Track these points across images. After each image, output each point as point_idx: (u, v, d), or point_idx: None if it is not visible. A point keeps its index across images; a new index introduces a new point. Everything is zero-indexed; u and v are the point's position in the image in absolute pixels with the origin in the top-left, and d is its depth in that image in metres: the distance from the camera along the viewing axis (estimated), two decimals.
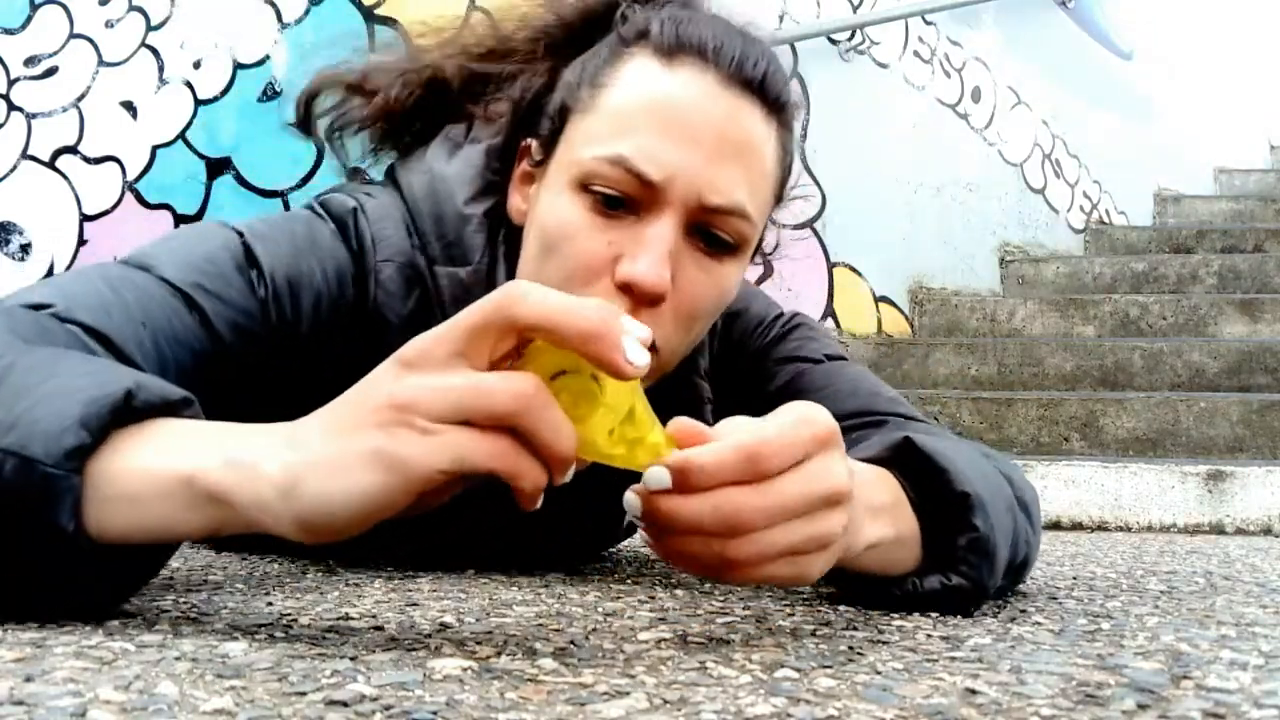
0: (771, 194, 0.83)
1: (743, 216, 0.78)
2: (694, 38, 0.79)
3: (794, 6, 3.11)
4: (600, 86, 0.80)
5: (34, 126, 2.01)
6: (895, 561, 0.75)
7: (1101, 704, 0.50)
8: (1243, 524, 2.03)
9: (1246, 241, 3.81)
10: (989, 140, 3.73)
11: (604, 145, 0.77)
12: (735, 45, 0.80)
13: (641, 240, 0.76)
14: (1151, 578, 1.10)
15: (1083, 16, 4.10)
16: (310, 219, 0.86)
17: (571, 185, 0.78)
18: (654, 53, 0.79)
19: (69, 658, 0.52)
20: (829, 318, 3.15)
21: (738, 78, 0.78)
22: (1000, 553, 0.75)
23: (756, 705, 0.48)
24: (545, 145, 0.83)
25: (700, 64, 0.78)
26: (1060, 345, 3.00)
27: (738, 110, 0.78)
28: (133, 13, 2.11)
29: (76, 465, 0.55)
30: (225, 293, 0.77)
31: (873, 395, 0.92)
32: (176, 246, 0.79)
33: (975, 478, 0.75)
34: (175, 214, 2.16)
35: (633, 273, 0.75)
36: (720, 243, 0.79)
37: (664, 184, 0.75)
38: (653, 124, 0.76)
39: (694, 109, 0.77)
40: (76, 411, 0.56)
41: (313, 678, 0.50)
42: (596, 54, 0.83)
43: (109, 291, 0.71)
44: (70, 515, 0.55)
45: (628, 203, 0.77)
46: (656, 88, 0.78)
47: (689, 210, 0.77)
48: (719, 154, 0.77)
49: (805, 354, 0.95)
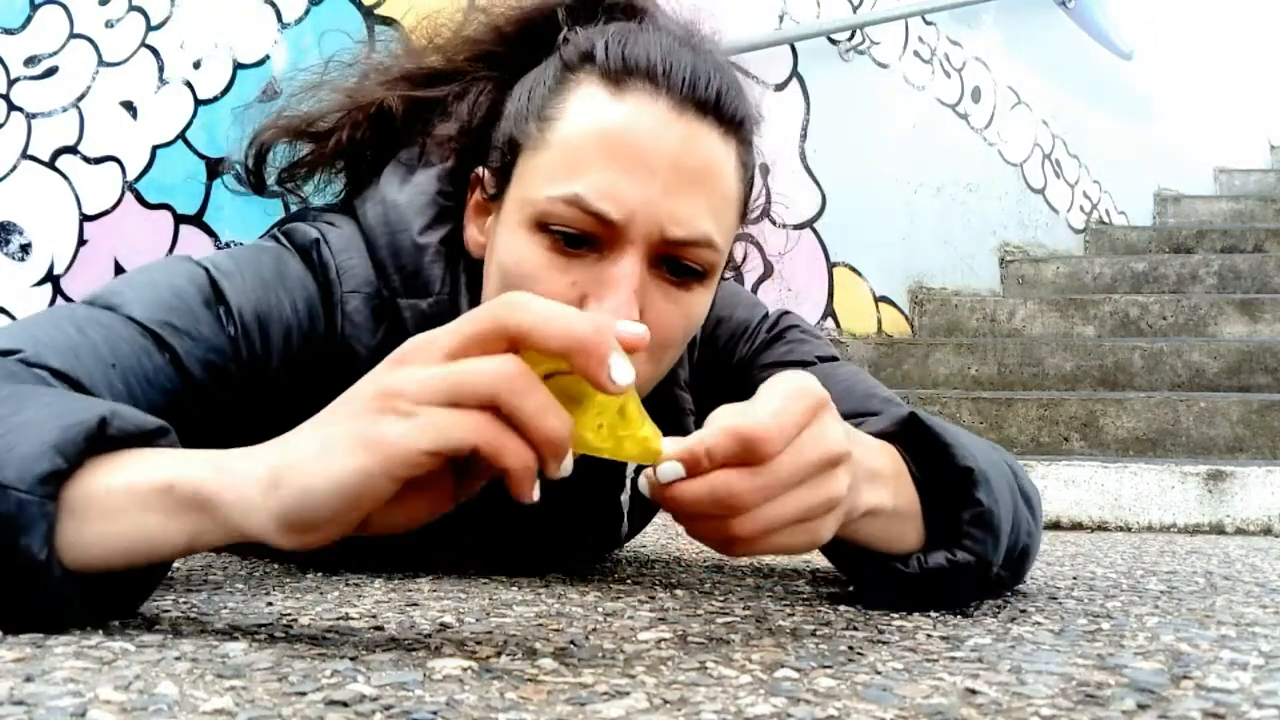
0: (736, 215, 0.81)
1: (708, 245, 0.77)
2: (641, 60, 0.76)
3: (794, 6, 3.11)
4: (548, 120, 0.78)
5: (34, 126, 2.01)
6: (896, 535, 0.74)
7: (1101, 704, 0.50)
8: (1243, 524, 2.03)
9: (1246, 241, 3.80)
10: (989, 140, 3.73)
11: (558, 185, 0.75)
12: (685, 64, 0.77)
13: (606, 282, 0.74)
14: (1151, 578, 1.10)
15: (1083, 16, 4.10)
16: (278, 251, 0.85)
17: (528, 225, 0.76)
18: (601, 79, 0.77)
19: (69, 658, 0.52)
20: (829, 318, 3.15)
21: (691, 100, 0.76)
22: (1003, 528, 0.75)
23: (756, 705, 0.48)
24: (497, 178, 0.82)
25: (650, 89, 0.76)
26: (1060, 345, 3.00)
27: (693, 135, 0.76)
28: (133, 13, 2.11)
29: (51, 491, 0.55)
30: (195, 330, 0.76)
31: (867, 396, 0.91)
32: (142, 284, 0.78)
33: (979, 454, 0.76)
34: (175, 214, 2.16)
35: None
36: (687, 272, 0.77)
37: (624, 222, 0.74)
38: (606, 159, 0.74)
39: (647, 140, 0.74)
40: (51, 438, 0.55)
41: (313, 678, 0.50)
42: (541, 80, 0.81)
43: (76, 334, 0.70)
44: (43, 543, 0.54)
45: (589, 240, 0.75)
46: (606, 119, 0.75)
47: (652, 244, 0.75)
48: (677, 184, 0.74)
49: (795, 358, 0.94)
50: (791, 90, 3.07)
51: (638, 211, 0.74)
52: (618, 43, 0.78)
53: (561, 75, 0.79)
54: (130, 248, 2.07)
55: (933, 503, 0.75)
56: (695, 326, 0.82)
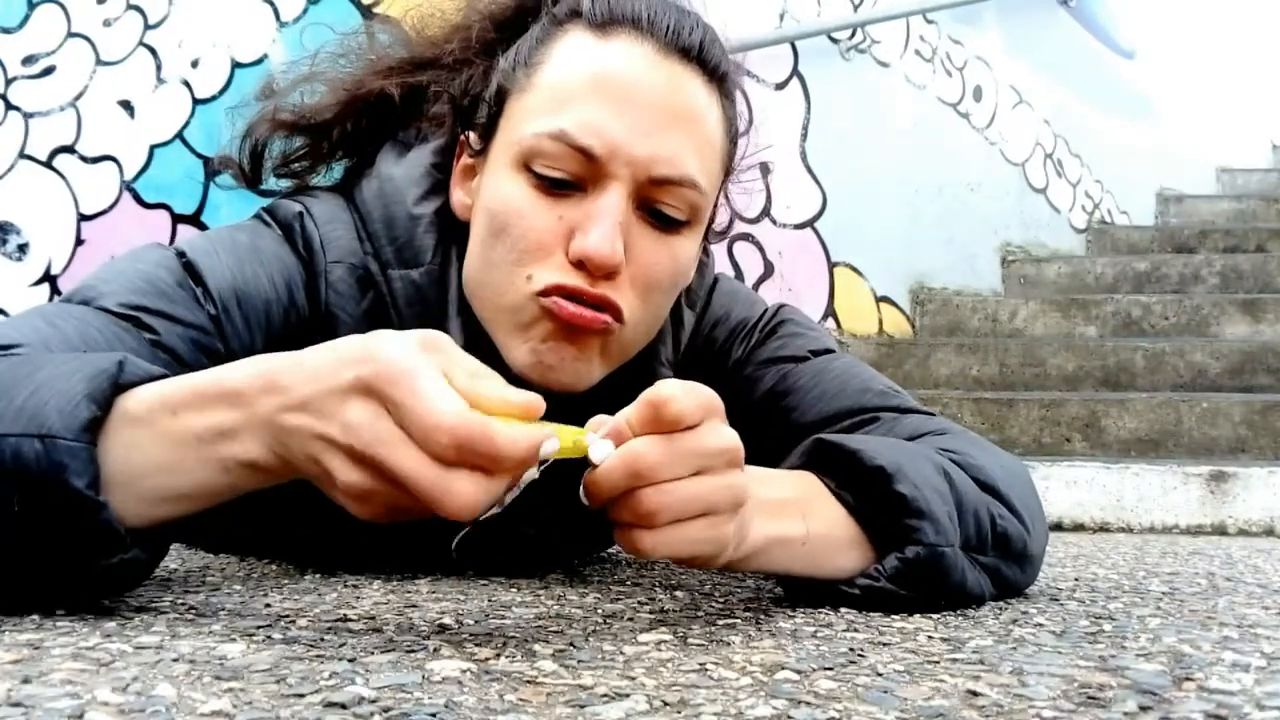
0: (720, 165, 0.83)
1: (692, 187, 0.78)
2: (626, 9, 0.79)
3: (794, 5, 3.11)
4: (535, 65, 0.80)
5: (31, 126, 2.01)
6: (822, 560, 0.74)
7: (1103, 706, 0.50)
8: (1245, 525, 2.02)
9: (1249, 241, 3.80)
10: (990, 140, 3.72)
11: (544, 120, 0.77)
12: (669, 15, 0.79)
13: (591, 214, 0.76)
14: (1153, 579, 1.09)
15: (1084, 15, 4.09)
16: (254, 227, 0.86)
17: (515, 164, 0.78)
18: (587, 27, 0.79)
19: (67, 659, 0.52)
20: (830, 318, 3.15)
21: (674, 46, 0.78)
22: (936, 509, 0.74)
23: (757, 707, 0.48)
24: (483, 132, 0.83)
25: (635, 34, 0.78)
26: (1062, 345, 3.00)
27: (677, 78, 0.78)
28: (130, 12, 2.11)
29: (93, 437, 0.58)
30: (172, 311, 0.76)
31: (862, 391, 0.90)
32: (111, 276, 0.78)
33: (886, 451, 0.76)
34: (173, 213, 2.16)
35: (584, 246, 0.75)
36: (671, 219, 0.79)
37: (607, 156, 0.75)
38: (592, 96, 0.76)
39: (633, 78, 0.77)
40: (82, 388, 0.59)
41: (311, 679, 0.49)
42: (529, 36, 0.83)
43: (47, 327, 0.71)
44: (94, 485, 0.58)
45: (574, 181, 0.76)
46: (593, 60, 0.78)
47: (636, 183, 0.76)
48: (662, 123, 0.76)
49: (789, 353, 0.93)
50: (792, 89, 3.07)
51: (622, 146, 0.75)
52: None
53: (548, 29, 0.82)
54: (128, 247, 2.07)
55: (870, 516, 0.75)
56: (684, 273, 0.83)
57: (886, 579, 0.75)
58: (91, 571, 0.61)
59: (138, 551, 0.61)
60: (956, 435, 0.88)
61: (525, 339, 0.78)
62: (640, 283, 0.78)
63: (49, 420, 0.58)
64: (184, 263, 0.79)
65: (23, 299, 1.99)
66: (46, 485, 0.57)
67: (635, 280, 0.78)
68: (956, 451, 0.83)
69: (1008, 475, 0.85)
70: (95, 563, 0.60)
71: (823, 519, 0.74)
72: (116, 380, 0.60)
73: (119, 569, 0.61)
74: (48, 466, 0.57)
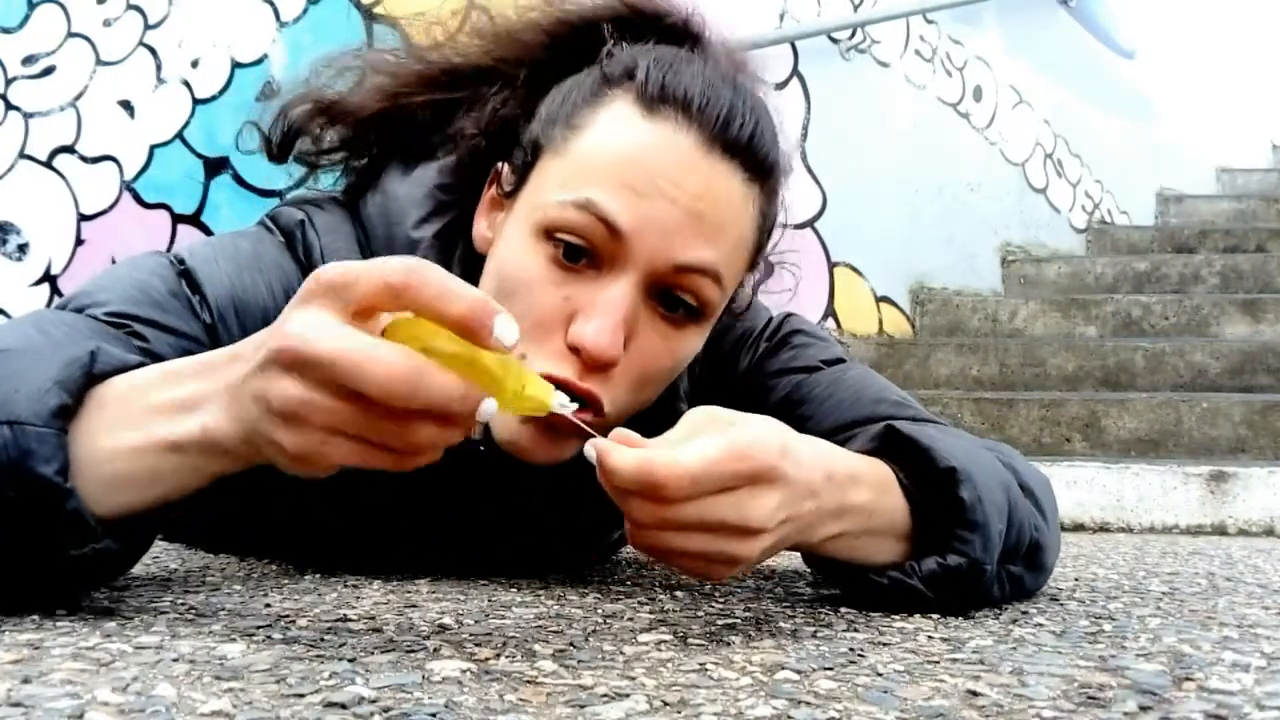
0: (746, 261, 0.81)
1: (713, 278, 0.75)
2: (679, 90, 0.75)
3: (794, 5, 3.11)
4: (576, 129, 0.77)
5: (31, 126, 2.01)
6: (870, 551, 0.75)
7: (1103, 706, 0.50)
8: (1245, 525, 2.02)
9: (1249, 241, 3.80)
10: (990, 139, 3.72)
11: (572, 191, 0.74)
12: (723, 101, 0.76)
13: (597, 303, 0.73)
14: (1153, 579, 1.09)
15: (1084, 15, 4.09)
16: (257, 234, 0.85)
17: (535, 231, 0.75)
18: (636, 99, 0.76)
19: (66, 659, 0.52)
20: (830, 318, 3.15)
21: (721, 139, 0.75)
22: (993, 525, 0.75)
23: (757, 707, 0.48)
24: (516, 177, 0.81)
25: (683, 120, 0.74)
26: (1062, 345, 3.00)
27: (716, 176, 0.75)
28: (130, 12, 2.11)
29: (63, 425, 0.58)
30: (164, 320, 0.76)
31: (877, 401, 0.89)
32: (106, 284, 0.78)
33: (959, 453, 0.75)
34: (173, 213, 2.16)
35: (583, 338, 0.72)
36: (683, 307, 0.76)
37: (630, 234, 0.72)
38: (625, 177, 0.73)
39: (669, 170, 0.73)
40: (53, 374, 0.59)
41: (311, 679, 0.49)
42: (578, 85, 0.80)
43: (37, 334, 0.70)
44: (63, 471, 0.58)
45: (590, 254, 0.74)
46: (633, 140, 0.75)
47: (653, 270, 0.74)
48: (690, 221, 0.73)
49: (801, 364, 0.93)
50: (792, 89, 3.07)
51: (645, 229, 0.73)
52: (659, 67, 0.76)
53: (598, 88, 0.78)
54: (127, 247, 2.07)
55: (925, 509, 0.75)
56: (681, 365, 0.81)
57: (920, 579, 0.75)
58: (63, 562, 0.60)
59: (109, 542, 0.61)
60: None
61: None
62: (634, 375, 0.76)
63: (18, 407, 0.58)
64: (183, 270, 0.79)
65: (23, 299, 1.99)
66: (14, 472, 0.57)
67: (630, 372, 0.76)
68: (1003, 452, 0.84)
69: (1041, 483, 0.86)
70: (66, 553, 0.60)
71: (887, 515, 0.74)
72: (89, 369, 0.60)
73: (91, 560, 0.60)
74: (15, 453, 0.57)
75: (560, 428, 0.73)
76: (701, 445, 0.61)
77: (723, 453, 0.61)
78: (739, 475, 0.61)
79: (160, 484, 0.61)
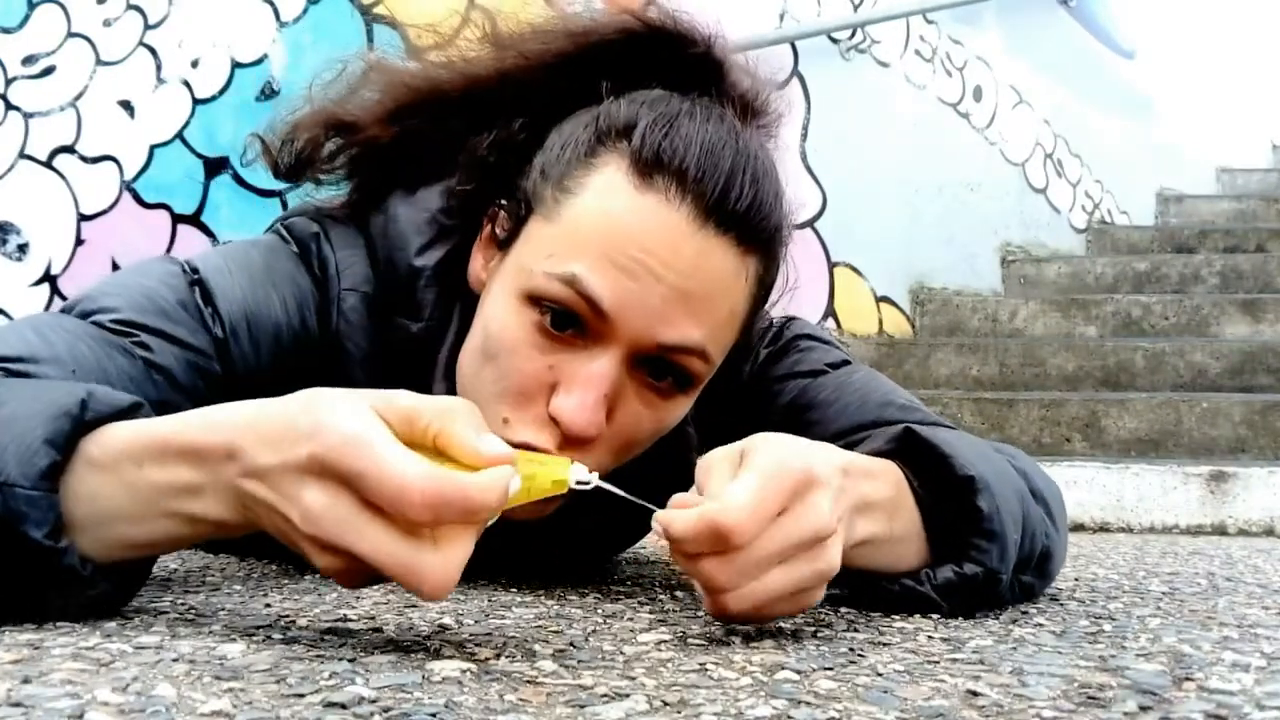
0: (738, 330, 0.78)
1: (699, 355, 0.74)
2: (675, 157, 0.72)
3: (794, 5, 3.11)
4: (567, 191, 0.74)
5: (31, 126, 2.01)
6: (892, 559, 0.74)
7: (1103, 706, 0.50)
8: (1245, 525, 2.02)
9: (1249, 241, 3.80)
10: (990, 140, 3.72)
11: (558, 262, 0.72)
12: (721, 168, 0.72)
13: (579, 376, 0.72)
14: (1153, 579, 1.09)
15: (1084, 15, 4.09)
16: (271, 243, 0.84)
17: (521, 296, 0.73)
18: (629, 166, 0.73)
19: (66, 659, 0.52)
20: (829, 318, 3.15)
21: (716, 212, 0.72)
22: (1009, 535, 0.75)
23: (757, 707, 0.48)
24: (510, 225, 0.78)
25: (676, 192, 0.71)
26: (1062, 345, 3.00)
27: (708, 251, 0.72)
28: (130, 12, 2.11)
29: (53, 484, 0.57)
30: (171, 330, 0.75)
31: (883, 405, 0.88)
32: (113, 289, 0.76)
33: (978, 461, 0.75)
34: (173, 213, 2.16)
35: (562, 413, 0.72)
36: (670, 378, 0.75)
37: (614, 314, 0.71)
38: (612, 253, 0.71)
39: (658, 247, 0.71)
40: (40, 432, 0.57)
41: (311, 679, 0.49)
42: (574, 139, 0.76)
43: (37, 339, 0.69)
44: (56, 533, 0.57)
45: (576, 322, 0.72)
46: (623, 215, 0.72)
47: (638, 347, 0.73)
48: (679, 298, 0.72)
49: (806, 368, 0.92)
50: (792, 89, 3.07)
51: (630, 309, 0.71)
52: (658, 128, 0.73)
53: (593, 145, 0.75)
54: (128, 247, 2.07)
55: (938, 516, 0.75)
56: (668, 429, 0.80)
57: (932, 587, 0.74)
58: (60, 607, 0.60)
59: (107, 586, 0.61)
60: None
61: None
62: (619, 442, 0.76)
63: (7, 467, 0.56)
64: (195, 280, 0.78)
65: (23, 299, 1.99)
66: (5, 533, 0.56)
67: (613, 439, 0.75)
68: (1015, 456, 0.84)
69: (1053, 490, 0.86)
70: (63, 600, 0.60)
71: (904, 521, 0.73)
72: (79, 420, 0.59)
73: (87, 603, 0.61)
74: (6, 515, 0.56)
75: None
76: (739, 483, 0.62)
77: (762, 479, 0.61)
78: (783, 491, 0.62)
79: (159, 545, 0.62)
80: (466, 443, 0.56)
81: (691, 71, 0.81)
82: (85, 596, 0.60)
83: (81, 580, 0.59)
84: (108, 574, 0.60)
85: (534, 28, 0.85)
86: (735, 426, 0.93)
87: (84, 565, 0.59)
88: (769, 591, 0.62)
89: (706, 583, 0.61)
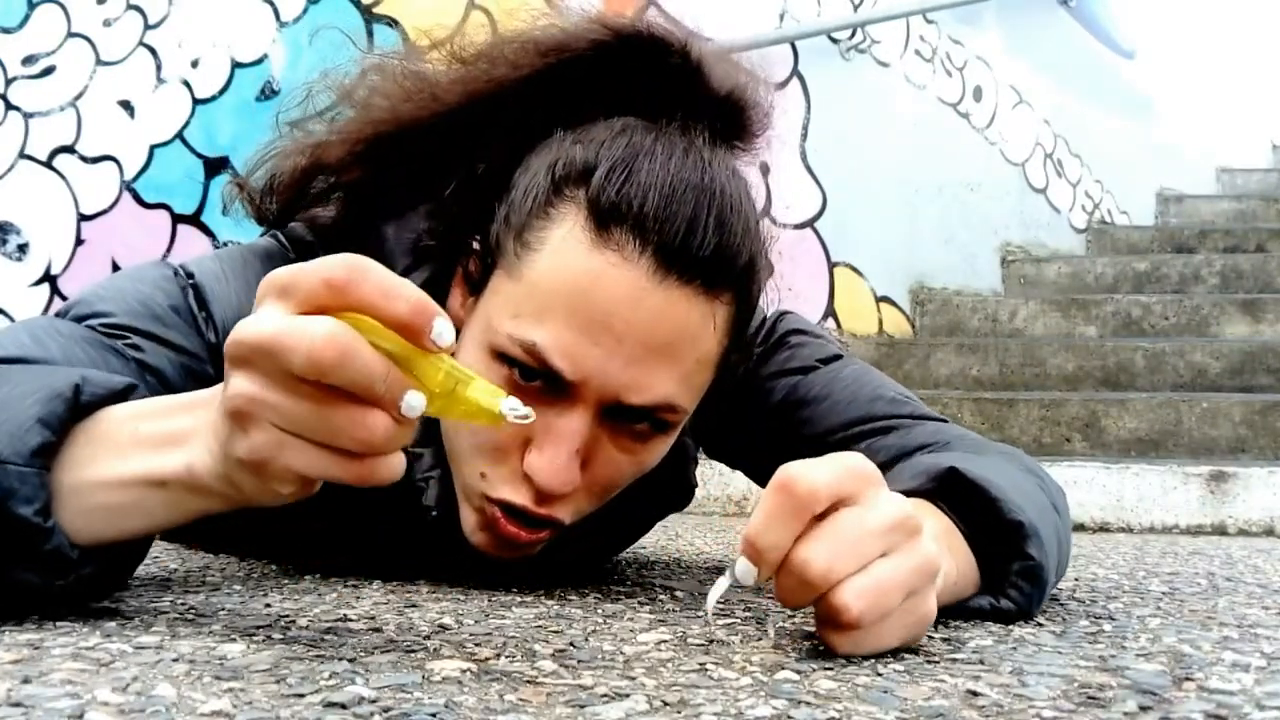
0: (710, 372, 0.77)
1: (669, 410, 0.74)
2: (634, 206, 0.70)
3: (794, 5, 3.11)
4: (527, 246, 0.73)
5: (31, 126, 2.01)
6: (958, 595, 0.72)
7: (1103, 706, 0.50)
8: (1245, 525, 2.02)
9: (1249, 241, 3.80)
10: (990, 139, 3.72)
11: (520, 326, 0.71)
12: (682, 213, 0.71)
13: (550, 433, 0.72)
14: (1153, 579, 1.09)
15: (1084, 15, 4.09)
16: (269, 250, 0.84)
17: (489, 351, 0.73)
18: (587, 217, 0.71)
19: (66, 659, 0.52)
20: (829, 318, 3.15)
21: (678, 260, 0.70)
22: (1050, 580, 0.75)
23: (757, 707, 0.48)
24: (478, 274, 0.77)
25: (635, 247, 0.70)
26: (1062, 345, 3.00)
27: (670, 304, 0.70)
28: (130, 12, 2.11)
29: (45, 463, 0.57)
30: (164, 334, 0.75)
31: (874, 400, 0.88)
32: (108, 294, 0.76)
33: (1025, 504, 0.73)
34: (173, 213, 2.16)
35: (535, 471, 0.72)
36: (643, 421, 0.74)
37: (579, 381, 0.71)
38: (571, 317, 0.70)
39: (618, 306, 0.70)
40: (35, 412, 0.58)
41: (311, 679, 0.49)
42: (534, 186, 0.75)
43: (31, 343, 0.69)
44: (46, 512, 0.57)
45: (544, 376, 0.72)
46: (580, 274, 0.70)
47: (607, 402, 0.72)
48: (643, 356, 0.71)
49: (797, 364, 0.91)
50: (792, 89, 3.07)
51: (594, 375, 0.71)
52: (616, 175, 0.72)
53: (550, 195, 0.74)
54: (128, 247, 2.07)
55: (978, 548, 0.73)
56: (650, 468, 0.79)
57: (965, 610, 0.74)
58: (47, 590, 0.60)
59: (92, 569, 0.60)
60: (970, 441, 0.88)
61: (473, 512, 0.77)
62: (598, 488, 0.76)
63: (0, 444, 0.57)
64: (191, 284, 0.78)
65: (23, 299, 1.99)
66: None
67: (592, 485, 0.75)
68: (1015, 456, 0.84)
69: (1064, 504, 0.85)
70: (50, 582, 0.59)
71: (961, 554, 0.71)
72: (73, 402, 0.59)
73: (75, 587, 0.60)
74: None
75: (517, 542, 0.75)
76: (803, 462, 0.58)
77: (831, 465, 0.58)
78: (859, 479, 0.58)
79: (141, 518, 0.60)
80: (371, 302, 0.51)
81: (668, 79, 0.79)
82: (70, 579, 0.59)
83: (67, 561, 0.58)
84: (93, 557, 0.60)
85: (506, 46, 0.82)
86: (728, 426, 0.93)
87: (71, 547, 0.58)
88: (879, 584, 0.56)
89: (802, 567, 0.55)
